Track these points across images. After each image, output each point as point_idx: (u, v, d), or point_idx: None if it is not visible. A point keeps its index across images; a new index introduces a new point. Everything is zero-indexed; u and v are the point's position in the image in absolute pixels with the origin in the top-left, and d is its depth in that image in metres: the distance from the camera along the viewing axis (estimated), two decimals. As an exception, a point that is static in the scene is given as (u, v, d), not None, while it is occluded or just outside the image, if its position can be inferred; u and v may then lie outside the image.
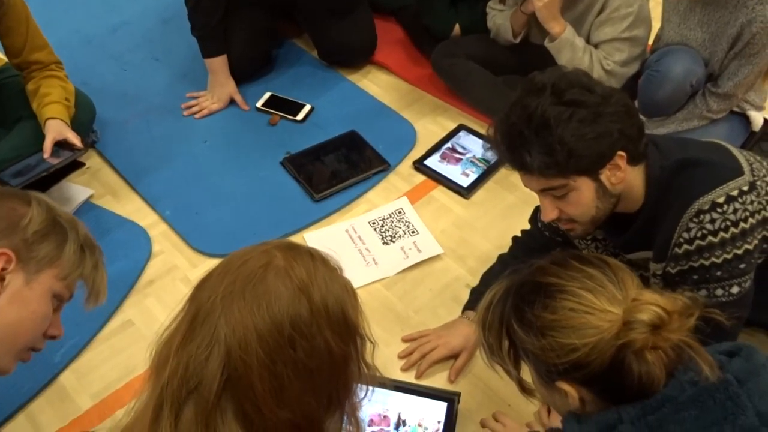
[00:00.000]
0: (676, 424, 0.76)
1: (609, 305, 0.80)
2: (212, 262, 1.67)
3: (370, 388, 0.80)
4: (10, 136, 1.76)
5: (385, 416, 1.35)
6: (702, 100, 1.79)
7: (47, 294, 0.99)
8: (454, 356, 1.44)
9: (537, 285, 0.86)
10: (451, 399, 1.36)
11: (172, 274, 1.66)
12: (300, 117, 2.08)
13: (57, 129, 1.66)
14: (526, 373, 0.94)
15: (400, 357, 1.47)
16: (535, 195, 1.20)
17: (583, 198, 1.12)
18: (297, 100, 2.13)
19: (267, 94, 2.15)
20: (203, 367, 0.68)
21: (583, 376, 0.81)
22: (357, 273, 1.63)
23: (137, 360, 1.47)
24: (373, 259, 1.68)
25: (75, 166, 1.71)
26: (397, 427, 1.34)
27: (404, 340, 1.50)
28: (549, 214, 1.16)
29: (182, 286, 1.63)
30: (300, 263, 0.73)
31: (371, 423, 1.33)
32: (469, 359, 1.43)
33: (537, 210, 1.44)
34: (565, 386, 0.83)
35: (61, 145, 1.67)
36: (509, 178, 1.88)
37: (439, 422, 1.34)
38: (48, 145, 1.63)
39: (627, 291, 0.82)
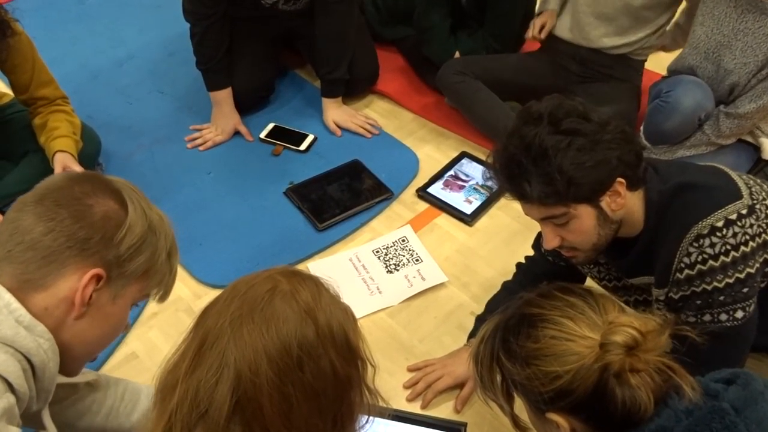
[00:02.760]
0: None
1: (588, 331, 0.81)
2: (216, 293, 1.68)
3: (372, 414, 0.80)
4: (18, 170, 1.78)
5: (390, 447, 1.34)
6: (712, 124, 1.77)
7: (129, 306, 0.91)
8: (460, 385, 1.43)
9: (522, 316, 0.88)
10: (458, 429, 1.35)
11: (176, 306, 1.66)
12: (303, 147, 2.10)
13: (65, 162, 1.67)
14: (523, 410, 0.94)
15: (406, 387, 1.46)
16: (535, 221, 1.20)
17: (584, 225, 1.12)
18: (300, 131, 2.15)
19: (270, 125, 2.18)
20: (213, 390, 0.69)
21: (569, 404, 0.82)
22: (361, 302, 1.63)
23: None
24: (377, 288, 1.68)
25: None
26: (403, 458, 1.32)
27: (409, 370, 1.49)
28: (551, 242, 1.16)
29: (186, 317, 1.63)
30: (304, 287, 0.75)
31: None
32: (475, 388, 1.42)
33: (539, 236, 1.44)
34: (555, 417, 0.84)
35: None
36: (512, 204, 1.87)
37: None
38: (58, 172, 1.65)
39: (606, 316, 0.83)
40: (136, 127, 2.19)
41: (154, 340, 1.58)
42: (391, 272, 1.72)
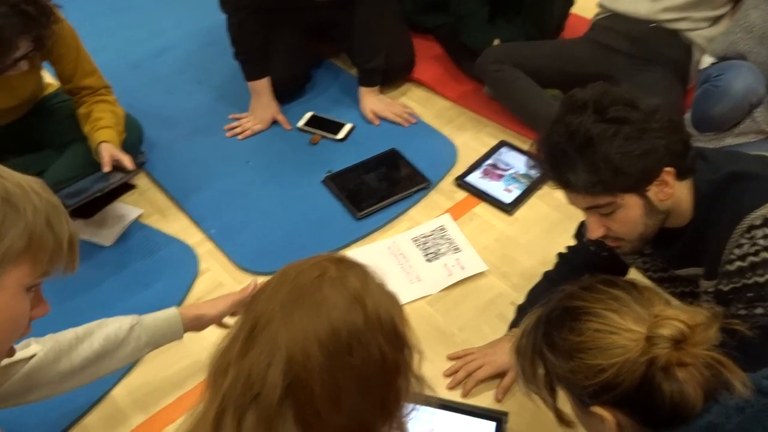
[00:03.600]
0: None
1: (633, 324, 0.80)
2: (257, 279, 1.72)
3: (418, 402, 0.81)
4: (63, 158, 1.82)
5: (431, 435, 1.34)
6: (764, 111, 1.73)
7: (18, 293, 0.82)
8: (501, 375, 1.43)
9: (564, 309, 0.88)
10: (499, 418, 1.35)
11: (218, 292, 1.68)
12: (341, 136, 2.11)
13: (111, 150, 1.70)
14: (566, 403, 0.93)
15: (446, 375, 1.46)
16: (579, 211, 1.19)
17: (631, 215, 1.11)
18: (337, 119, 2.16)
19: (308, 114, 2.18)
20: (265, 373, 0.70)
21: (614, 398, 0.81)
22: (400, 290, 1.58)
23: (185, 376, 1.50)
24: (417, 276, 1.68)
25: (126, 188, 1.76)
26: (443, 445, 1.33)
27: (449, 359, 1.50)
28: (595, 232, 1.15)
29: (228, 303, 1.65)
30: (352, 274, 0.76)
31: None
32: (516, 378, 1.41)
33: (582, 225, 1.43)
34: (600, 411, 0.83)
35: (116, 168, 1.72)
36: (553, 194, 1.86)
37: None
38: (106, 161, 1.69)
39: (652, 309, 0.82)
40: (176, 116, 2.22)
41: (197, 326, 1.60)
42: (430, 261, 1.72)
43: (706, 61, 1.85)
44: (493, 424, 1.34)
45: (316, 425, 0.71)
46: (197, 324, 1.34)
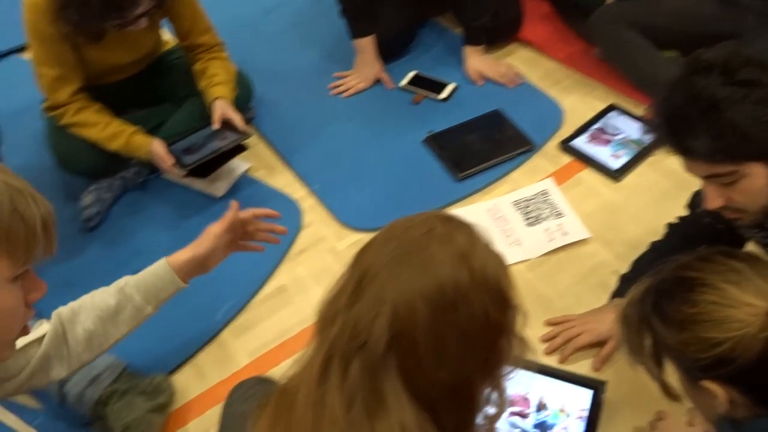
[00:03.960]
0: None
1: (754, 298, 0.77)
2: (357, 236, 1.77)
3: (518, 364, 0.81)
4: (180, 112, 1.91)
5: (526, 398, 1.35)
6: None
7: (3, 287, 0.81)
8: (600, 344, 1.41)
9: (678, 279, 0.84)
10: (596, 387, 1.33)
11: (321, 245, 1.74)
12: (444, 95, 2.09)
13: (224, 109, 1.78)
14: (672, 376, 0.91)
15: (543, 340, 1.46)
16: (692, 179, 1.13)
17: (755, 186, 1.05)
18: (441, 79, 2.14)
19: (411, 73, 2.18)
20: (371, 324, 0.71)
21: (728, 373, 0.78)
22: (499, 253, 1.62)
23: (289, 323, 1.57)
24: (516, 240, 1.67)
25: (240, 149, 1.83)
26: (538, 410, 1.33)
27: (548, 324, 1.49)
28: (714, 202, 1.10)
29: (330, 256, 1.71)
30: (460, 232, 0.76)
31: (511, 404, 1.33)
32: (616, 348, 1.39)
33: (696, 195, 1.36)
34: (711, 385, 0.80)
35: (225, 125, 1.79)
36: (664, 161, 1.79)
37: (582, 410, 1.32)
38: (217, 118, 1.76)
39: None
40: (283, 74, 2.27)
41: (300, 275, 1.67)
42: (530, 225, 1.70)
43: None
44: (590, 392, 1.33)
45: (418, 377, 0.72)
46: (195, 266, 1.31)
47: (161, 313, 1.57)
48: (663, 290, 0.87)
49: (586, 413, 1.31)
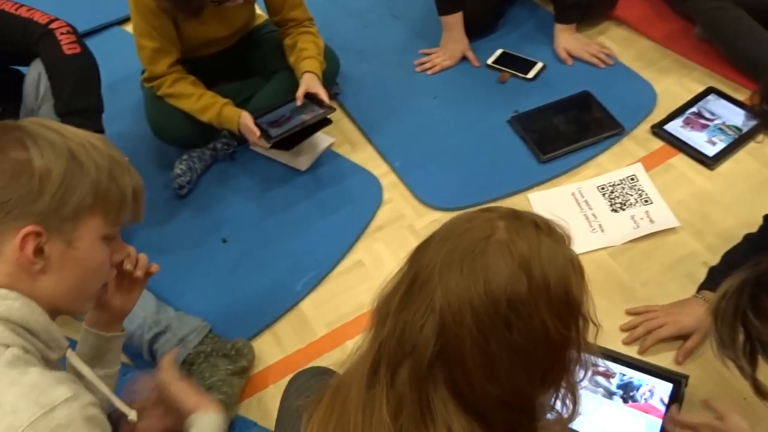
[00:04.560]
0: None
1: None
2: (437, 214, 1.77)
3: (586, 375, 0.76)
4: (269, 86, 1.95)
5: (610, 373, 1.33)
6: None
7: (95, 243, 0.90)
8: (684, 337, 1.36)
9: None
10: (678, 381, 1.29)
11: (399, 222, 1.75)
12: (531, 75, 2.05)
13: (309, 84, 1.81)
14: (763, 373, 0.86)
15: (623, 330, 1.42)
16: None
17: None
18: (529, 58, 2.09)
19: (498, 51, 2.14)
20: (419, 333, 0.68)
21: None
22: (581, 238, 1.59)
23: (365, 298, 1.58)
24: (600, 226, 1.62)
25: (324, 122, 1.86)
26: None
27: (629, 313, 1.44)
28: None
29: (408, 233, 1.72)
30: (523, 236, 0.70)
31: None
32: (701, 342, 1.34)
33: None
34: None
35: (311, 99, 1.82)
36: (764, 148, 1.69)
37: (663, 402, 1.28)
38: (300, 93, 1.79)
39: None
40: (370, 50, 2.28)
41: (378, 252, 1.70)
42: (616, 211, 1.65)
43: None
44: (670, 386, 1.29)
45: (468, 391, 0.69)
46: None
47: (244, 280, 1.66)
48: (762, 284, 0.82)
49: (666, 407, 1.27)
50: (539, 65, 2.06)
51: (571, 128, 1.86)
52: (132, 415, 1.00)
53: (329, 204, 1.82)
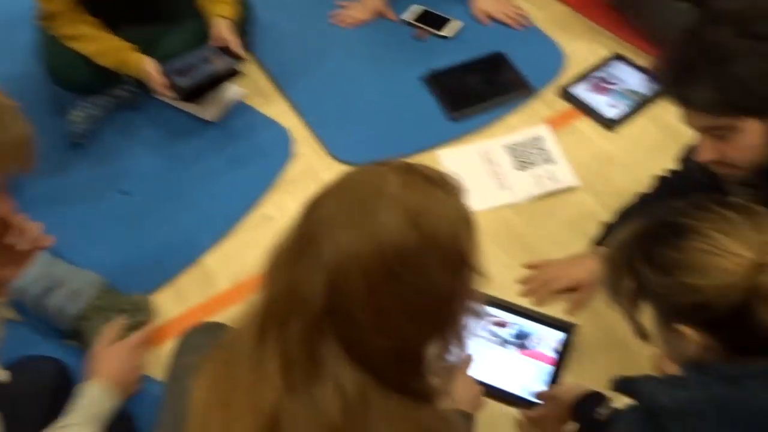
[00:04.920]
0: None
1: (741, 249, 0.76)
2: (348, 169, 1.75)
3: (474, 323, 0.78)
4: (177, 32, 1.84)
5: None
6: None
7: None
8: (576, 289, 1.42)
9: (669, 224, 0.84)
10: (568, 329, 1.35)
11: (310, 176, 1.73)
12: (447, 33, 2.04)
13: (222, 29, 1.73)
14: (647, 319, 0.91)
15: (520, 282, 1.47)
16: (687, 134, 1.11)
17: (749, 141, 1.03)
18: (445, 15, 2.09)
19: (416, 7, 2.12)
20: (308, 289, 0.68)
21: (704, 320, 0.78)
22: (487, 195, 1.62)
23: (273, 252, 1.58)
24: (505, 183, 1.66)
25: (234, 73, 1.79)
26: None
27: (526, 267, 1.49)
28: (706, 155, 1.08)
29: (317, 187, 1.69)
30: (414, 190, 0.70)
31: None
32: (591, 294, 1.40)
33: (688, 149, 1.34)
34: (686, 330, 0.80)
35: (222, 48, 1.75)
36: (662, 115, 1.76)
37: (554, 350, 1.34)
38: (214, 39, 1.72)
39: (765, 236, 0.77)
40: (285, -1, 2.22)
41: (287, 206, 1.67)
42: (521, 169, 1.68)
43: None
44: (561, 334, 1.35)
45: (358, 345, 0.69)
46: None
47: (143, 233, 1.60)
48: (653, 234, 0.86)
49: (557, 354, 1.34)
50: (456, 24, 2.06)
51: (482, 87, 1.88)
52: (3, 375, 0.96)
53: (238, 157, 1.77)
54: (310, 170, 1.75)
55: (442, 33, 2.04)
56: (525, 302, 1.44)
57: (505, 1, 2.10)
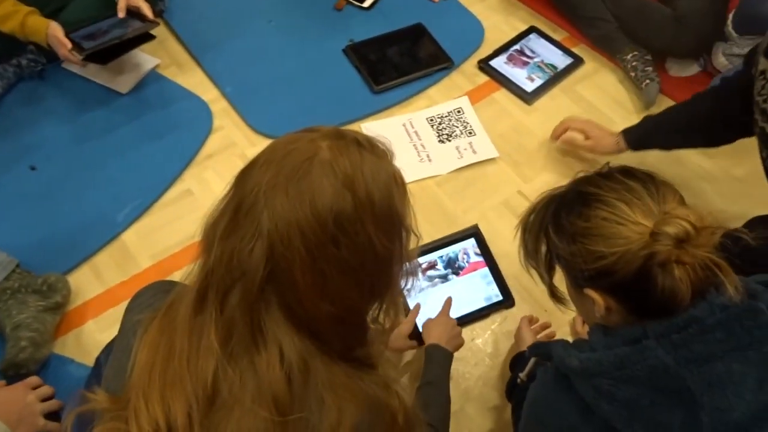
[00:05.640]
0: (701, 344, 0.78)
1: (642, 218, 0.80)
2: (270, 142, 1.72)
3: (411, 282, 0.80)
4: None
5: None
6: None
7: None
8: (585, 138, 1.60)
9: (577, 193, 0.87)
10: (474, 232, 1.53)
11: (231, 150, 1.70)
12: (367, 4, 2.03)
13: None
14: (561, 282, 0.96)
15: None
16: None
17: None
18: (365, -14, 2.08)
19: (335, -23, 2.10)
20: (247, 258, 0.68)
21: (609, 284, 0.82)
22: (410, 167, 1.64)
23: (194, 228, 1.49)
24: (428, 156, 1.69)
25: (146, 37, 1.72)
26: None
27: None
28: None
29: (240, 162, 1.64)
30: (346, 155, 0.70)
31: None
32: (590, 150, 1.60)
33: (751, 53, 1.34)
34: (592, 293, 0.85)
35: (133, 14, 1.67)
36: (575, 86, 1.83)
37: (477, 254, 1.50)
38: (122, 4, 1.64)
39: (664, 205, 0.81)
40: (199, -35, 2.13)
41: (208, 180, 1.64)
42: (442, 142, 1.71)
43: None
44: (472, 239, 1.52)
45: (301, 311, 0.70)
46: None
47: (57, 211, 1.53)
48: (563, 202, 0.89)
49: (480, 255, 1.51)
50: (375, -6, 2.05)
51: (404, 60, 1.88)
52: None
53: (154, 130, 1.71)
54: (231, 144, 1.71)
55: (362, 3, 2.03)
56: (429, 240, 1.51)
57: None
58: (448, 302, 1.35)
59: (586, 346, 0.86)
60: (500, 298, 1.44)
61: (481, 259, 1.49)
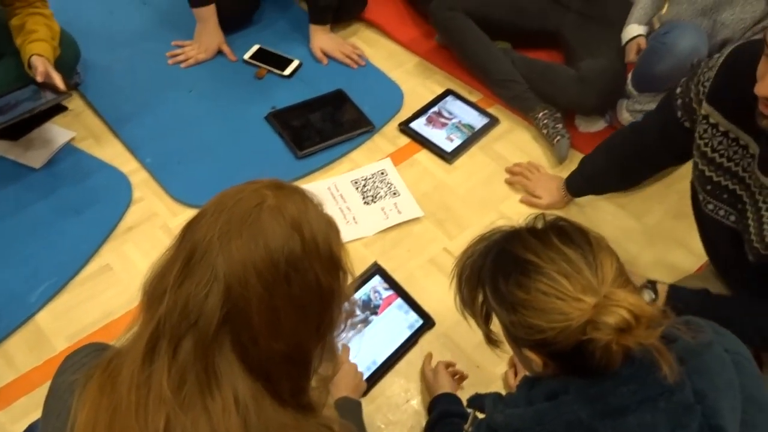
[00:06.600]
0: (615, 396, 0.79)
1: (582, 293, 0.79)
2: (192, 212, 1.68)
3: (349, 322, 0.84)
4: (-2, 69, 1.72)
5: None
6: None
7: None
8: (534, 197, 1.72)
9: (515, 259, 0.85)
10: (376, 270, 1.58)
11: (152, 222, 1.66)
12: (287, 72, 2.07)
13: (44, 65, 1.62)
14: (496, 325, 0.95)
15: (508, 171, 1.81)
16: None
17: None
18: (285, 55, 2.11)
19: (255, 47, 2.13)
20: (203, 303, 0.70)
21: (547, 352, 0.83)
22: (336, 231, 1.64)
23: (115, 304, 1.48)
24: (354, 218, 1.70)
25: (58, 109, 1.68)
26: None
27: (508, 171, 1.80)
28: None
29: (161, 233, 1.63)
30: (291, 201, 0.76)
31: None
32: (539, 206, 1.70)
33: (667, 98, 1.35)
34: (530, 354, 0.85)
35: (45, 86, 1.64)
36: (492, 144, 1.90)
37: (385, 288, 1.56)
38: (39, 73, 1.60)
39: (604, 278, 0.81)
40: (117, 38, 2.13)
41: (128, 254, 1.59)
42: (368, 203, 1.73)
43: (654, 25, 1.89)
44: (377, 276, 1.56)
45: (254, 350, 0.72)
46: None
47: (-38, 295, 1.44)
48: (500, 265, 0.87)
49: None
50: (295, 62, 2.09)
51: (326, 125, 1.91)
52: None
53: (70, 204, 1.66)
54: (152, 215, 1.67)
55: (282, 72, 2.06)
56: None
57: (342, 40, 2.17)
58: (346, 350, 1.36)
59: (512, 401, 0.86)
60: (421, 321, 1.50)
61: (391, 291, 1.54)
